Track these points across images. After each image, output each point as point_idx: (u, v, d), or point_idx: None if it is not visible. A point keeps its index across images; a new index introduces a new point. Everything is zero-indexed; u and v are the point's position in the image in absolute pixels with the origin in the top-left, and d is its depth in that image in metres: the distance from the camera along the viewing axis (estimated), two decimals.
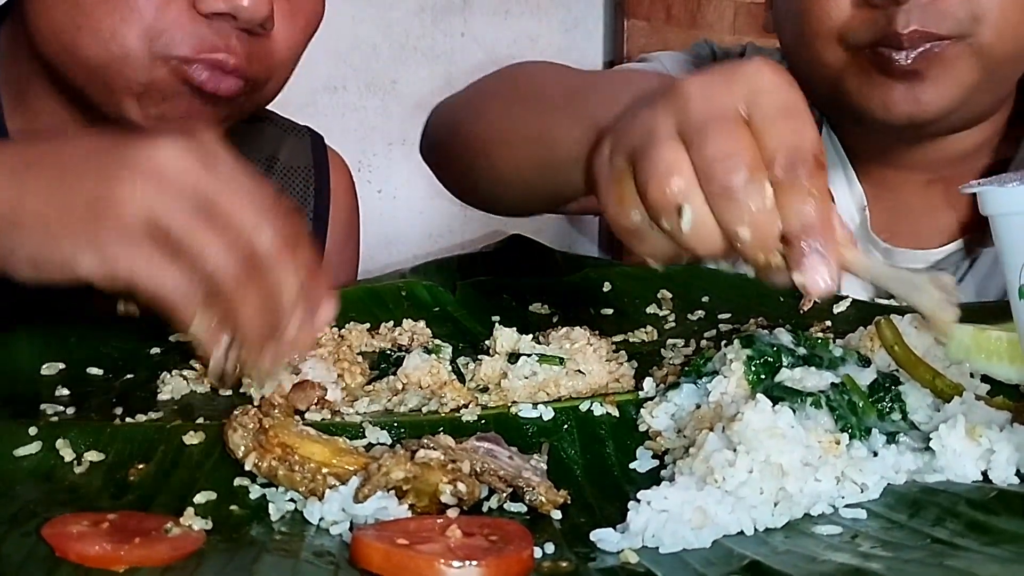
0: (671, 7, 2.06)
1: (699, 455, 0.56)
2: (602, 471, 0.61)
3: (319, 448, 0.55)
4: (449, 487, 0.53)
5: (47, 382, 0.70)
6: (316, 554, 0.48)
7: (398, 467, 0.53)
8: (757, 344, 0.65)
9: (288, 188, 1.13)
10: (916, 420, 0.62)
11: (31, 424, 0.60)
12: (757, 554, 0.49)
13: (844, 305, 0.86)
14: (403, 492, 0.53)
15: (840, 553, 0.48)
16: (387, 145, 2.01)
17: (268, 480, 0.55)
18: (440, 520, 0.51)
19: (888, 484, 0.56)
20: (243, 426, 0.56)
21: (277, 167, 1.13)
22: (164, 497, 0.55)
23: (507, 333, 0.79)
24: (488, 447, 0.57)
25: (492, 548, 0.48)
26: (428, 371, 0.70)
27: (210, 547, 0.48)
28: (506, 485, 0.55)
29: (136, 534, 0.48)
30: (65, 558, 0.47)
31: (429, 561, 0.46)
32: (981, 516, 0.50)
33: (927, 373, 0.63)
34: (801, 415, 0.59)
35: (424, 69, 2.01)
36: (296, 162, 1.14)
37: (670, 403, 0.65)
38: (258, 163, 1.11)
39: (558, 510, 0.55)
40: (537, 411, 0.65)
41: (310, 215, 1.14)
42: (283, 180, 1.13)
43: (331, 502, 0.53)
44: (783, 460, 0.54)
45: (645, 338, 0.83)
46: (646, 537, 0.50)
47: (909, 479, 0.56)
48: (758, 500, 0.53)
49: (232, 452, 0.56)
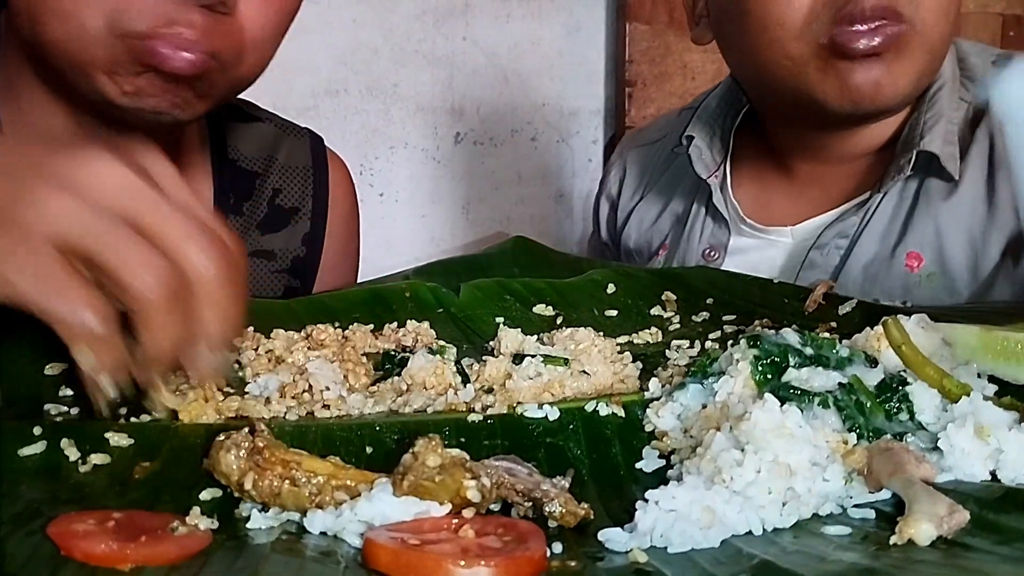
0: (673, 11, 2.06)
1: (707, 455, 0.56)
2: (608, 471, 0.61)
3: (320, 464, 0.54)
4: (474, 482, 0.52)
5: (50, 382, 0.69)
6: (323, 554, 0.48)
7: (432, 453, 0.52)
8: (764, 344, 0.65)
9: (286, 188, 1.13)
10: (924, 420, 0.62)
11: (35, 424, 0.60)
12: (766, 554, 0.48)
13: (849, 307, 0.85)
14: (426, 491, 0.52)
15: (850, 553, 0.48)
16: (388, 148, 2.01)
17: (264, 503, 0.53)
18: (455, 520, 0.51)
19: None
20: (237, 445, 0.53)
21: (275, 166, 1.13)
22: (170, 494, 0.55)
23: (512, 334, 0.79)
24: (507, 466, 0.56)
25: (503, 548, 0.48)
26: (433, 372, 0.70)
27: (216, 546, 0.48)
28: (525, 499, 0.54)
29: (142, 533, 0.48)
30: (70, 557, 0.46)
31: (438, 561, 0.46)
32: (991, 515, 0.50)
33: (935, 373, 0.63)
34: (808, 415, 0.59)
35: (425, 73, 2.01)
36: (294, 162, 1.14)
37: (676, 403, 0.65)
38: (255, 163, 1.11)
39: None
40: (543, 412, 0.65)
41: (308, 215, 1.14)
42: (281, 179, 1.13)
43: (343, 514, 0.51)
44: (791, 460, 0.54)
45: (650, 339, 0.83)
46: (654, 537, 0.50)
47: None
48: (766, 500, 0.52)
49: (224, 476, 0.54)
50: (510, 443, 0.63)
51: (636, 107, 2.08)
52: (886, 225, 1.09)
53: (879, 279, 1.08)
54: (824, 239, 1.11)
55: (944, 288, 1.05)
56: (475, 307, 0.90)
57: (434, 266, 1.05)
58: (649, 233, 1.30)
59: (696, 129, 1.23)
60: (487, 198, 2.09)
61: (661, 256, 1.27)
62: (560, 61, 2.11)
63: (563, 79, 2.12)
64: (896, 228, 1.09)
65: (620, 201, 1.37)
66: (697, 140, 1.22)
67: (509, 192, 2.11)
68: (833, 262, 1.10)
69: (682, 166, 1.29)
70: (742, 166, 1.24)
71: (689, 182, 1.27)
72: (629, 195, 1.36)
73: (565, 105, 2.13)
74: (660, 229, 1.29)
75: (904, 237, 1.08)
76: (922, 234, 1.07)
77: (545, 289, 0.93)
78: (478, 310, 0.89)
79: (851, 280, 1.09)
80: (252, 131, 1.12)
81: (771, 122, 1.19)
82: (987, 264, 1.04)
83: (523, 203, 2.13)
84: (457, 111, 2.05)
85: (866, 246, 1.09)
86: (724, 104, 1.26)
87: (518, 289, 0.93)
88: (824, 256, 1.11)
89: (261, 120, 1.14)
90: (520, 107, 2.09)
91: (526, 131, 2.11)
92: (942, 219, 1.06)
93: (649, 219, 1.31)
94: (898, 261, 1.07)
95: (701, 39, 1.20)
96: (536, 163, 2.13)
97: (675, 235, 1.27)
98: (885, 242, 1.09)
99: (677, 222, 1.27)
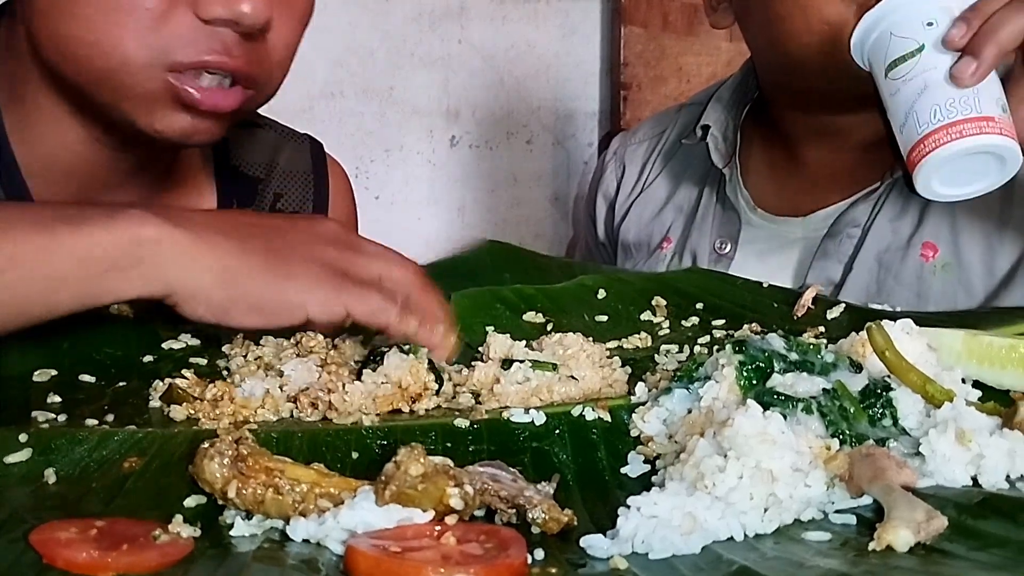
0: (668, 14, 2.07)
1: (690, 461, 0.56)
2: (593, 476, 0.61)
3: (303, 472, 0.54)
4: (457, 490, 0.52)
5: (38, 389, 0.69)
6: (304, 562, 0.48)
7: (415, 462, 0.52)
8: (749, 349, 0.65)
9: (286, 194, 1.13)
10: (907, 426, 0.62)
11: (21, 431, 0.60)
12: (747, 560, 0.49)
13: (838, 311, 0.86)
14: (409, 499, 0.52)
15: (829, 559, 0.48)
16: (384, 151, 2.01)
17: (248, 510, 0.53)
18: (437, 527, 0.51)
19: None
20: (220, 453, 0.53)
21: (276, 172, 1.13)
22: (154, 500, 0.55)
23: (500, 339, 0.79)
24: (492, 472, 0.56)
25: (484, 555, 0.48)
26: (408, 371, 0.70)
27: (198, 554, 0.48)
28: (508, 505, 0.54)
29: (124, 541, 0.48)
30: (53, 565, 0.47)
31: (418, 568, 0.46)
32: (969, 521, 0.50)
33: (918, 379, 0.63)
34: (792, 421, 0.59)
35: (421, 75, 2.01)
36: (295, 168, 1.14)
37: (662, 408, 0.65)
38: (257, 168, 1.12)
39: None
40: (529, 416, 0.65)
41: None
42: (281, 185, 1.13)
43: (325, 522, 0.51)
44: (773, 466, 0.54)
45: (639, 344, 0.83)
46: (636, 543, 0.50)
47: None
48: (748, 506, 0.53)
49: (207, 484, 0.53)
50: (496, 448, 0.63)
51: (631, 110, 2.08)
52: (900, 214, 1.10)
53: (893, 268, 1.08)
54: (837, 228, 1.12)
55: (958, 279, 1.06)
56: (465, 317, 0.89)
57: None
58: (650, 227, 1.30)
59: (711, 118, 1.24)
60: (482, 201, 2.09)
61: (666, 249, 1.27)
62: (556, 64, 2.12)
63: (559, 82, 2.12)
64: (911, 218, 1.09)
65: (619, 198, 1.37)
66: (714, 129, 1.23)
67: (505, 195, 2.11)
68: (847, 251, 1.11)
69: (686, 158, 1.29)
70: (750, 157, 1.24)
71: (695, 174, 1.28)
72: (628, 191, 1.36)
73: (561, 108, 2.13)
74: (662, 222, 1.29)
75: (920, 227, 1.08)
76: (938, 224, 1.08)
77: (536, 296, 0.93)
78: (468, 320, 0.89)
79: (865, 269, 1.09)
80: (253, 137, 1.13)
81: (785, 108, 1.19)
82: (1003, 255, 1.05)
83: (519, 206, 2.13)
84: (453, 114, 2.05)
85: (879, 235, 1.10)
86: (736, 95, 1.26)
87: (508, 296, 0.93)
88: (837, 245, 1.11)
89: (262, 126, 1.14)
90: (516, 110, 2.09)
91: (522, 134, 2.11)
92: (959, 209, 1.06)
93: (650, 212, 1.31)
94: (913, 251, 1.08)
95: (720, 23, 1.20)
96: (532, 166, 2.13)
97: (682, 227, 1.27)
98: (899, 232, 1.09)
99: (682, 214, 1.27)
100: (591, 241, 1.44)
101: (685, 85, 2.07)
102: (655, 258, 1.27)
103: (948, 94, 0.80)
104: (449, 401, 0.71)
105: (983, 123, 0.79)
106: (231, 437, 0.54)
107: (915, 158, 0.81)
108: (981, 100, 0.80)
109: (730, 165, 1.22)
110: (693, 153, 1.28)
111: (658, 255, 1.27)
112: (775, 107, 1.21)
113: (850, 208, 1.13)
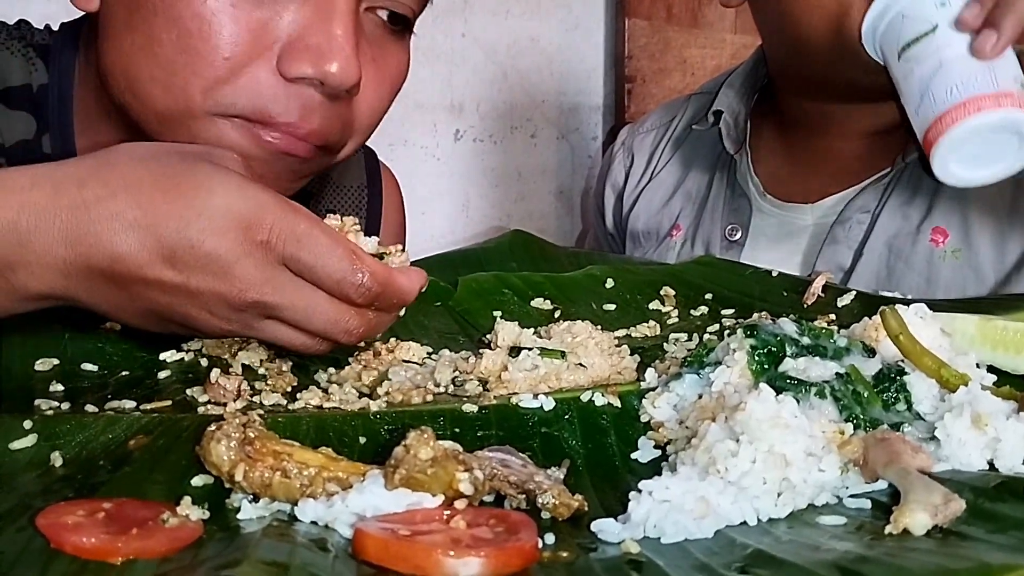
0: (672, 6, 2.06)
1: (701, 445, 0.55)
2: (603, 461, 0.61)
3: (311, 455, 0.53)
4: (467, 475, 0.51)
5: (41, 378, 0.69)
6: (313, 541, 0.47)
7: (424, 446, 0.52)
8: (760, 334, 0.64)
9: (338, 208, 1.11)
10: (921, 410, 0.61)
11: (26, 418, 0.59)
12: (760, 544, 0.48)
13: (848, 298, 0.85)
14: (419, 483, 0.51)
15: (845, 543, 0.48)
16: (388, 146, 2.00)
17: (255, 493, 0.52)
18: (447, 512, 0.50)
19: None
20: (228, 436, 0.53)
21: (329, 186, 1.10)
22: (161, 476, 0.55)
23: (509, 327, 0.78)
24: (501, 457, 0.55)
25: (495, 539, 0.47)
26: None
27: (208, 536, 0.48)
28: (518, 491, 0.53)
29: (132, 524, 0.47)
30: (61, 550, 0.46)
31: (428, 551, 0.45)
32: (987, 504, 0.49)
33: (932, 363, 0.62)
34: (805, 405, 0.58)
35: (424, 69, 2.01)
36: (348, 181, 1.12)
37: (672, 393, 0.65)
38: (312, 182, 1.09)
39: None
40: (538, 401, 0.65)
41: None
42: (334, 200, 1.11)
43: (334, 505, 0.50)
44: (787, 450, 0.53)
45: (648, 333, 0.83)
46: (648, 527, 0.50)
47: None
48: (761, 490, 0.52)
49: (214, 467, 0.53)
50: (505, 434, 0.62)
51: (635, 103, 2.07)
52: (910, 200, 1.10)
53: (903, 254, 1.08)
54: (846, 214, 1.12)
55: (969, 265, 1.06)
56: (472, 301, 0.89)
57: (431, 260, 1.04)
58: (660, 215, 1.30)
59: (723, 104, 1.24)
60: (487, 195, 2.09)
61: (676, 237, 1.26)
62: (559, 57, 2.11)
63: (562, 75, 2.11)
64: (921, 203, 1.09)
65: (627, 188, 1.37)
66: (726, 115, 1.23)
67: (509, 189, 2.11)
68: (857, 237, 1.11)
69: (696, 145, 1.29)
70: (760, 144, 1.24)
71: (705, 161, 1.27)
72: (636, 180, 1.36)
73: (564, 101, 2.13)
74: (672, 210, 1.29)
75: (930, 213, 1.08)
76: (948, 210, 1.07)
77: (543, 283, 0.93)
78: (475, 304, 0.89)
79: (875, 255, 1.09)
80: None
81: (794, 95, 1.19)
82: (1013, 240, 1.04)
83: (523, 200, 2.12)
84: (457, 108, 2.04)
85: (889, 221, 1.10)
86: (747, 82, 1.26)
87: (516, 283, 0.92)
88: (847, 231, 1.11)
89: None
90: (519, 104, 2.09)
91: (526, 128, 2.10)
92: (969, 195, 1.05)
93: (659, 200, 1.31)
94: (923, 236, 1.08)
95: (731, 1, 1.19)
96: (536, 160, 2.12)
97: (692, 215, 1.26)
98: (909, 217, 1.09)
99: (692, 201, 1.27)
100: (600, 233, 1.44)
101: (689, 78, 2.07)
102: (665, 246, 1.27)
103: (964, 72, 0.80)
104: (457, 388, 0.71)
105: (1002, 97, 0.78)
106: (238, 420, 0.54)
107: (932, 137, 0.80)
108: (998, 76, 0.79)
109: (741, 151, 1.22)
110: (703, 140, 1.28)
111: (668, 243, 1.26)
112: (784, 94, 1.21)
113: (860, 194, 1.13)
